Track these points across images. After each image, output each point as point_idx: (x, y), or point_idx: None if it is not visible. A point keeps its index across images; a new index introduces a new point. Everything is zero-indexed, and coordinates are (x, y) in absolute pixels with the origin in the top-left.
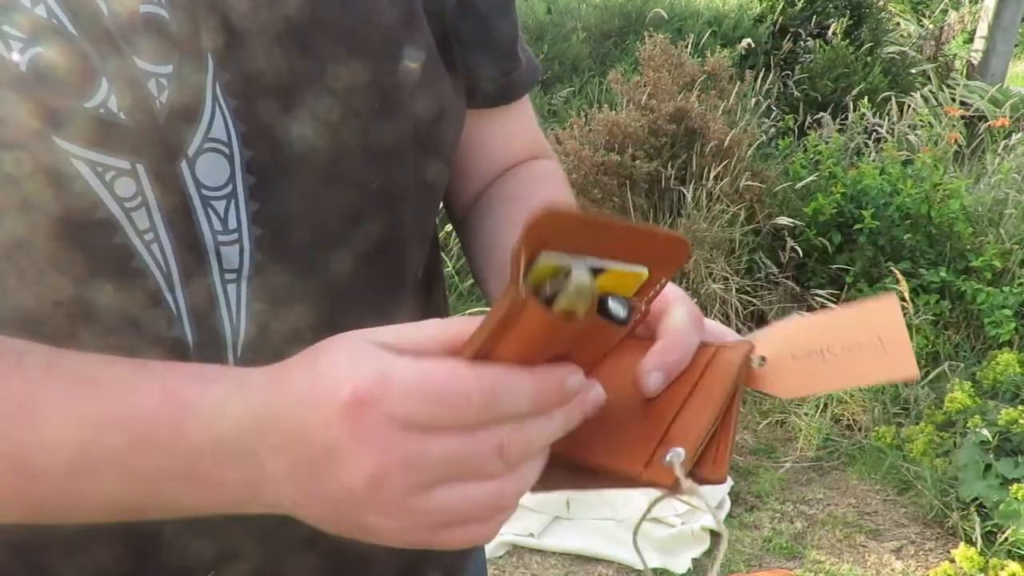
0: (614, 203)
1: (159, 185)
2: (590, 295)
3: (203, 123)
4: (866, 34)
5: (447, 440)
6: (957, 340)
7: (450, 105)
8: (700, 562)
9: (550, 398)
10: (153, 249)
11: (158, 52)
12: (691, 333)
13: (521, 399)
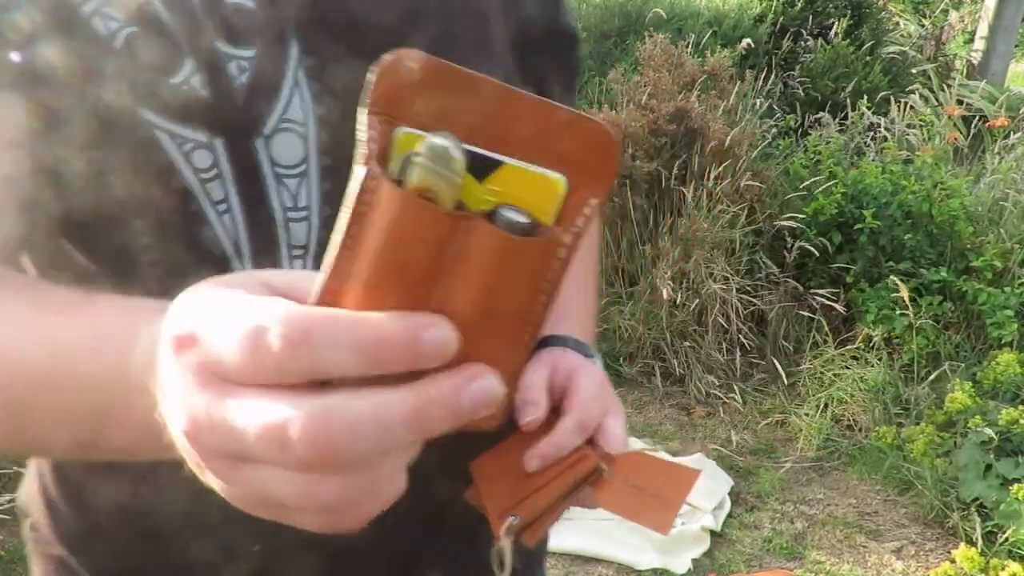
0: (614, 203)
1: (234, 159)
2: (456, 174)
3: (280, 104)
4: (866, 34)
5: (249, 403)
6: (957, 340)
7: None
8: (700, 562)
9: (388, 352)
10: (225, 220)
11: (240, 38)
12: (574, 437)
13: (336, 348)
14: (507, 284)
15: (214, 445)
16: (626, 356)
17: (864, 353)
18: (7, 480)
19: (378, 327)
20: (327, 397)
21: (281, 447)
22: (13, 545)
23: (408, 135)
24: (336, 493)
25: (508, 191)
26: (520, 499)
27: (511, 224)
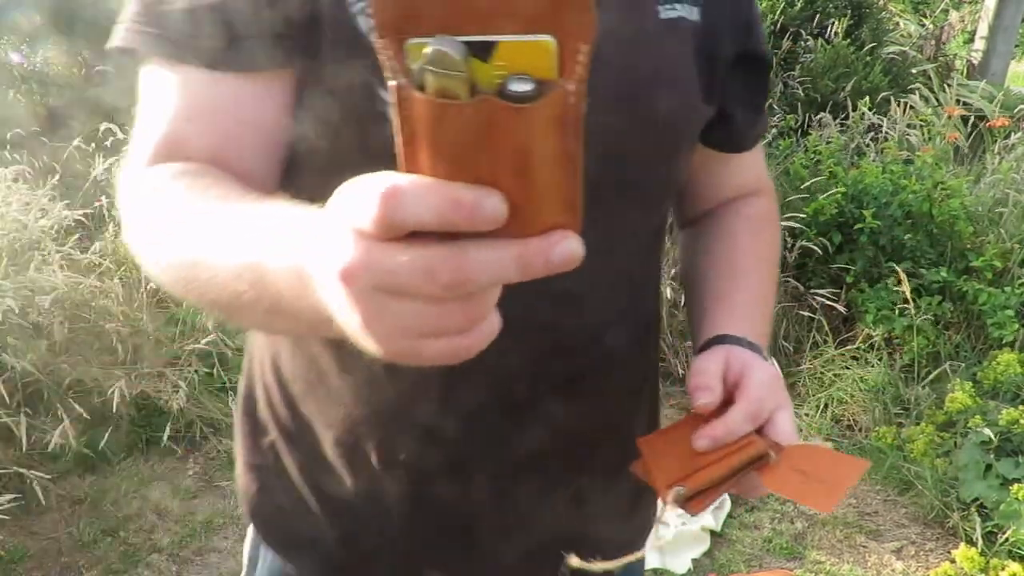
0: None
1: None
2: (463, 66)
3: None
4: (867, 34)
5: (396, 249)
6: (958, 340)
7: (696, 122)
8: (700, 562)
9: (464, 207)
10: None
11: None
12: (744, 424)
13: (425, 203)
14: (535, 141)
15: (369, 283)
16: None
17: (864, 353)
18: (7, 480)
19: (451, 191)
20: (459, 244)
21: (428, 277)
22: (13, 545)
23: (414, 44)
24: (460, 319)
25: (512, 63)
26: (687, 474)
27: (518, 94)
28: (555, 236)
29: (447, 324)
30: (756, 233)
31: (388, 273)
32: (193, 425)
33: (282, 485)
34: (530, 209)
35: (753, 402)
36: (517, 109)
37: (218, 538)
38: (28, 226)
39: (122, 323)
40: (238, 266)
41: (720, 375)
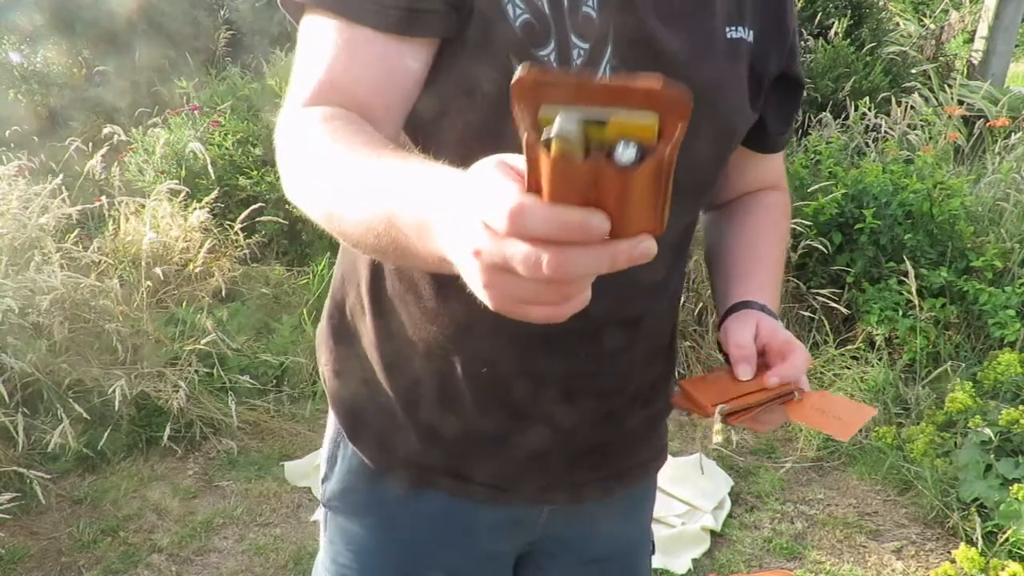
0: None
1: None
2: (579, 138)
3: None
4: (867, 34)
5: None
6: (958, 340)
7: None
8: (700, 562)
9: (571, 229)
10: None
11: (584, 35)
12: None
13: (542, 223)
14: (634, 192)
15: (492, 262)
16: None
17: (864, 353)
18: (7, 480)
19: (563, 216)
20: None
21: (536, 268)
22: (13, 545)
23: (546, 111)
24: (556, 296)
25: (622, 131)
26: (726, 399)
27: (623, 160)
28: (637, 240)
29: (546, 298)
30: (775, 221)
31: (507, 259)
32: (193, 425)
33: (368, 390)
34: (624, 225)
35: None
36: (621, 170)
37: (218, 538)
38: (28, 224)
39: (122, 323)
40: (377, 213)
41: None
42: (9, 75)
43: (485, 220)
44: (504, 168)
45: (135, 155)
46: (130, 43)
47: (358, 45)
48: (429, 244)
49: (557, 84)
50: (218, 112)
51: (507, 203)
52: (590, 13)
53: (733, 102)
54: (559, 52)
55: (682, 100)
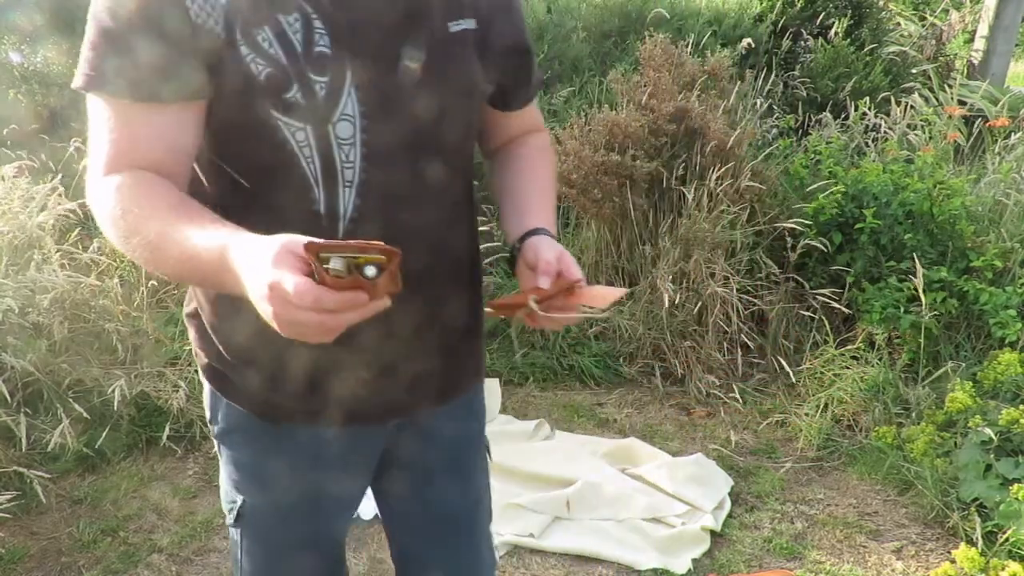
0: (614, 203)
1: (317, 136)
2: (345, 266)
3: (341, 105)
4: (867, 34)
5: (300, 312)
6: (958, 340)
7: (478, 99)
8: (700, 562)
9: (346, 305)
10: (312, 167)
11: (322, 71)
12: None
13: (330, 303)
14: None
15: (280, 314)
16: (626, 356)
17: (864, 353)
18: (7, 480)
19: (341, 299)
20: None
21: (309, 325)
22: (13, 545)
23: (323, 256)
24: (327, 335)
25: (369, 260)
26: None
27: (370, 276)
28: (379, 302)
29: (315, 336)
30: (544, 157)
31: (291, 317)
32: (193, 425)
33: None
34: (377, 296)
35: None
36: (370, 281)
37: (218, 538)
38: (28, 224)
39: (122, 323)
40: (185, 264)
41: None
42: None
43: (273, 285)
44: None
45: None
46: None
47: (130, 116)
48: (230, 282)
49: (332, 244)
50: None
51: (293, 285)
52: (324, 51)
53: (464, 82)
54: (303, 91)
55: (395, 250)
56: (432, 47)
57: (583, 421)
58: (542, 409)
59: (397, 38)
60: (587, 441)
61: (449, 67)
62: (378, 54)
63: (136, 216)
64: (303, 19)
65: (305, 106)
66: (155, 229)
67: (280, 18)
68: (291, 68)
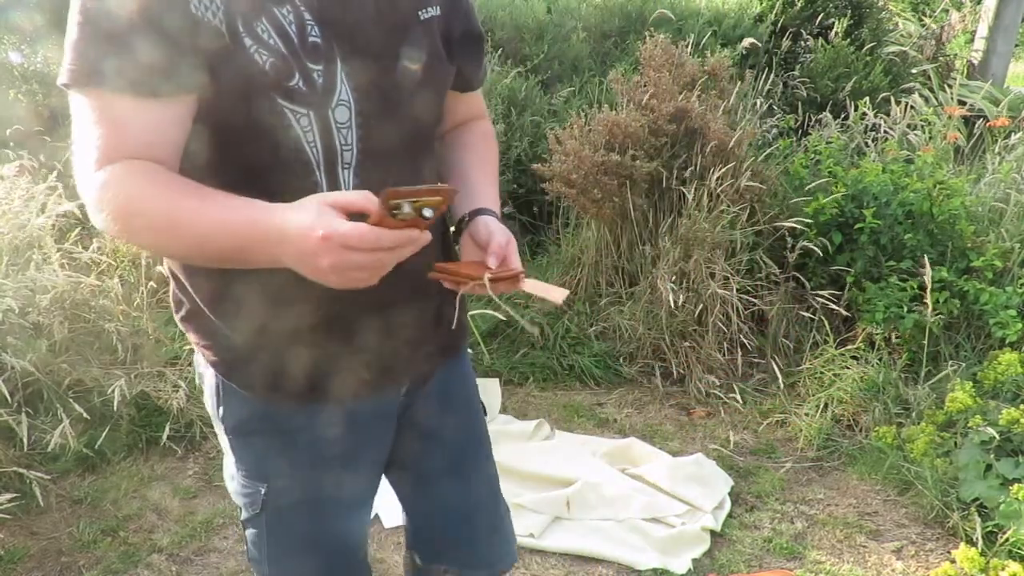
0: (614, 203)
1: (318, 122)
2: (412, 211)
3: (337, 92)
4: (866, 34)
5: (358, 255)
6: (958, 340)
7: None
8: (700, 562)
9: (404, 241)
10: (314, 150)
11: (317, 59)
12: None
13: (389, 241)
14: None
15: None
16: (626, 356)
17: (864, 353)
18: (7, 480)
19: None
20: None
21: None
22: (13, 545)
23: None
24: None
25: (427, 204)
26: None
27: (427, 216)
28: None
29: (370, 276)
30: (489, 143)
31: (348, 260)
32: (193, 425)
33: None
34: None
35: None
36: (427, 219)
37: (218, 538)
38: (28, 223)
39: (122, 323)
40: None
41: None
42: (9, 75)
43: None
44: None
45: None
46: None
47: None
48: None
49: (404, 191)
50: None
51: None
52: (316, 41)
53: (435, 66)
54: (303, 79)
55: (451, 191)
56: (407, 33)
57: (583, 421)
58: (542, 409)
59: (378, 27)
60: (587, 441)
61: (423, 52)
62: (362, 43)
63: (138, 200)
64: (294, 11)
65: (307, 93)
66: (162, 210)
67: (275, 10)
68: (291, 58)
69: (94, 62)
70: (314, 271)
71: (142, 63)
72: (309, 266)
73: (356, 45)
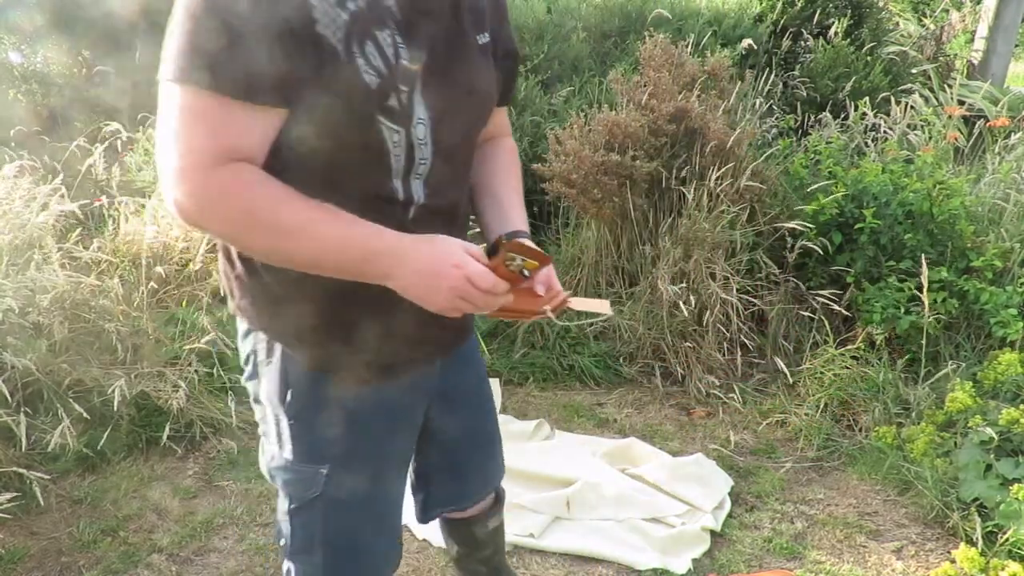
0: (614, 203)
1: (406, 138)
2: (518, 267)
3: (417, 110)
4: (866, 34)
5: (475, 291)
6: (958, 340)
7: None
8: (700, 562)
9: (504, 292)
10: (397, 163)
11: (405, 80)
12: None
13: (499, 289)
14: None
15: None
16: (626, 356)
17: (864, 353)
18: (7, 480)
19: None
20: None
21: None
22: (13, 545)
23: (508, 256)
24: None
25: (527, 266)
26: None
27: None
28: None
29: (470, 308)
30: (515, 162)
31: (465, 291)
32: (193, 425)
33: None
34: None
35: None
36: (524, 279)
37: (218, 538)
38: (29, 223)
39: (122, 323)
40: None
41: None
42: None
43: (457, 265)
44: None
45: (135, 155)
46: (130, 43)
47: (235, 114)
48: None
49: (524, 249)
50: None
51: (488, 276)
52: (405, 63)
53: (487, 85)
54: (397, 98)
55: (549, 260)
56: (470, 55)
57: (583, 421)
58: (542, 409)
59: (449, 52)
60: (587, 441)
61: (482, 75)
62: (437, 67)
63: (264, 210)
64: (392, 35)
65: (399, 112)
66: (285, 220)
67: (378, 34)
68: (390, 78)
69: (211, 63)
70: (428, 289)
71: (258, 71)
72: (427, 284)
73: (432, 69)
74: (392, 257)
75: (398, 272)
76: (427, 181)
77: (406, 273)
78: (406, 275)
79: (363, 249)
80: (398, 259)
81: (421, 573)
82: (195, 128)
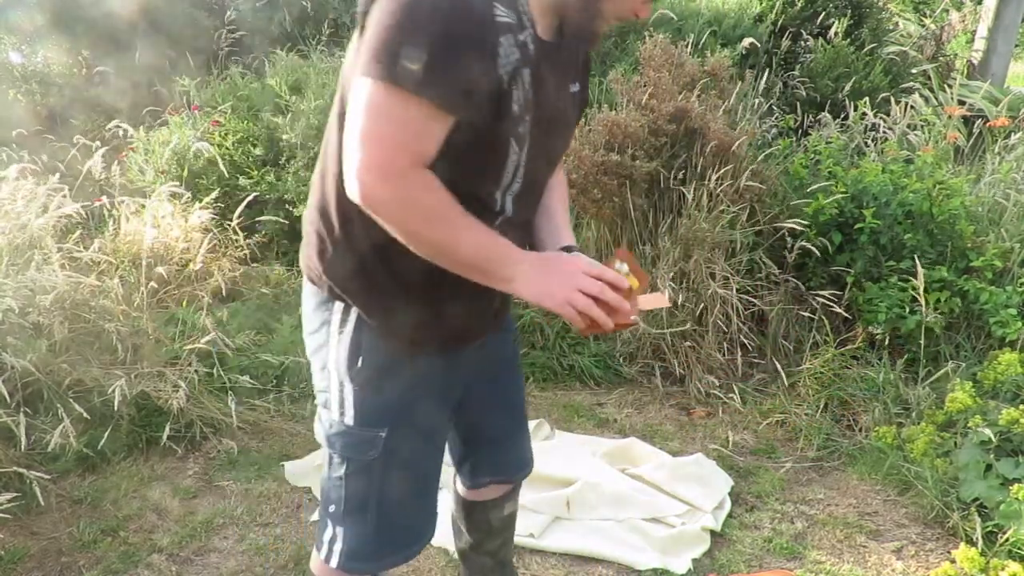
0: (614, 203)
1: (517, 158)
2: (625, 274)
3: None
4: (866, 34)
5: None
6: (958, 340)
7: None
8: (700, 562)
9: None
10: (506, 178)
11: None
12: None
13: (609, 298)
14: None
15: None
16: (626, 356)
17: (864, 353)
18: (7, 480)
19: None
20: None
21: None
22: (13, 545)
23: (617, 263)
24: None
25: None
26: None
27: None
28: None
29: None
30: (563, 181)
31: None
32: (193, 425)
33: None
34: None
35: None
36: (629, 289)
37: (218, 538)
38: (29, 223)
39: (122, 323)
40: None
41: None
42: (9, 75)
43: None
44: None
45: (135, 155)
46: (130, 43)
47: (432, 122)
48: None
49: (626, 257)
50: (219, 112)
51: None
52: (530, 97)
53: (572, 126)
54: (523, 126)
55: (647, 277)
56: (566, 100)
57: (583, 421)
58: (542, 409)
59: (556, 92)
60: (587, 441)
61: (571, 116)
62: (546, 103)
63: (445, 208)
64: (530, 75)
65: (523, 137)
66: (458, 220)
67: (522, 71)
68: (525, 109)
69: (427, 75)
70: (546, 284)
71: (462, 88)
72: (546, 280)
73: (545, 104)
74: (517, 263)
75: (522, 270)
76: (515, 200)
77: (530, 272)
78: (530, 273)
79: (496, 254)
80: (515, 263)
81: (421, 573)
82: (404, 129)
